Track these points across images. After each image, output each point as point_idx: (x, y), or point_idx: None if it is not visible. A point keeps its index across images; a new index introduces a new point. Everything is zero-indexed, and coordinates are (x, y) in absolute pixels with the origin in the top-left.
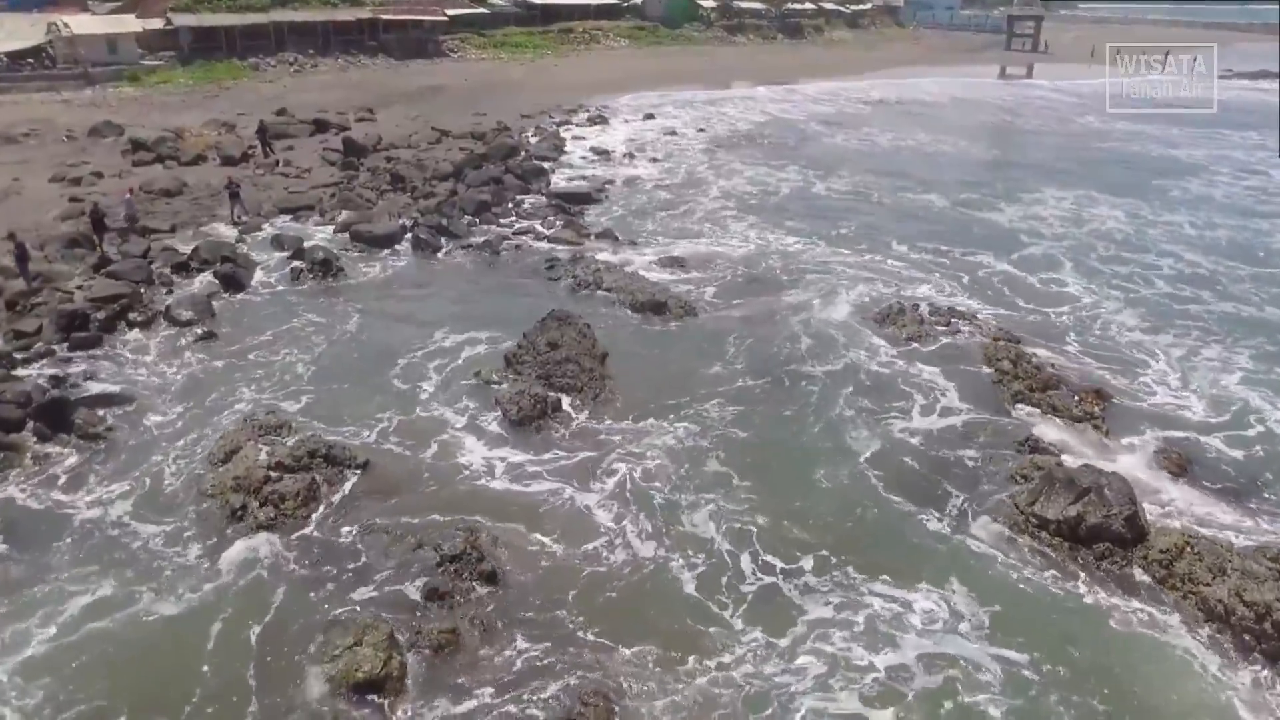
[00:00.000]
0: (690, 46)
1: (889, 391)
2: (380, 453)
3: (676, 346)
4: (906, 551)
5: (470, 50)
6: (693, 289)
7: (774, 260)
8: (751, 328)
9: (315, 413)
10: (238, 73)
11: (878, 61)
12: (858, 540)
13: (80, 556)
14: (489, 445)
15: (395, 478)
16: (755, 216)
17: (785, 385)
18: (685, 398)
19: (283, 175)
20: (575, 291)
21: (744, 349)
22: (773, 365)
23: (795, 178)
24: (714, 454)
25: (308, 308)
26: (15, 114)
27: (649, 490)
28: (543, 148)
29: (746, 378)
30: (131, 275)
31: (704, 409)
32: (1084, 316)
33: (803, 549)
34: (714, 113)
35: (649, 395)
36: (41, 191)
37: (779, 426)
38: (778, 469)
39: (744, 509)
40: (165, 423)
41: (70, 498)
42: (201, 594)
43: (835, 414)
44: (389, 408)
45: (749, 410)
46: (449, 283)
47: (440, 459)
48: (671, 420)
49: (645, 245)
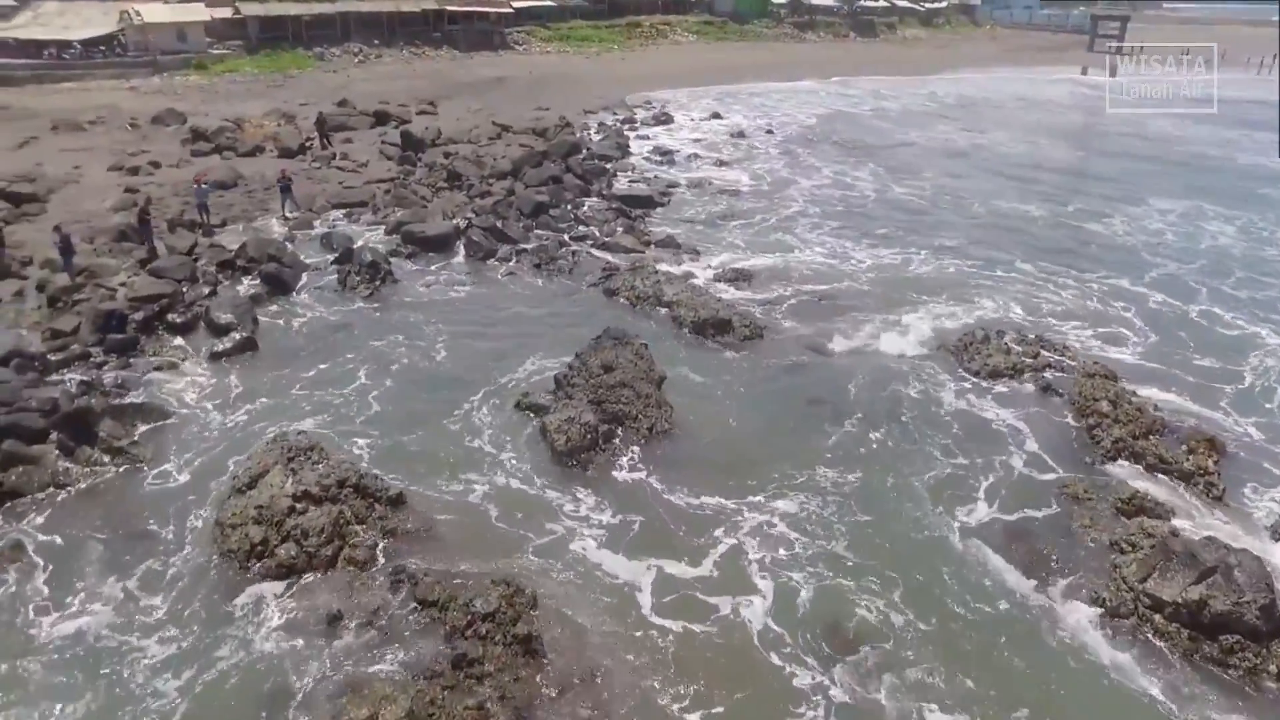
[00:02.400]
0: (759, 43)
1: (970, 437)
2: (414, 483)
3: (739, 373)
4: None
5: (535, 43)
6: (759, 307)
7: (849, 275)
8: (819, 355)
9: (348, 434)
10: (303, 62)
11: (952, 60)
12: (945, 639)
13: (80, 592)
14: (533, 482)
15: (427, 516)
16: (829, 225)
17: (850, 425)
18: (744, 432)
19: (339, 169)
20: (633, 306)
21: (809, 379)
22: (839, 400)
23: (873, 181)
24: (771, 505)
25: (351, 316)
26: (85, 100)
27: (705, 544)
28: (605, 146)
29: (809, 414)
30: (174, 273)
31: (762, 449)
32: (1212, 351)
33: (870, 640)
34: (783, 111)
35: (706, 426)
36: (100, 180)
37: (840, 472)
38: (839, 524)
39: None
40: (193, 439)
41: (80, 524)
42: (207, 643)
43: (904, 463)
44: (426, 431)
45: (809, 452)
46: (500, 293)
47: (478, 496)
48: (728, 458)
49: (710, 255)
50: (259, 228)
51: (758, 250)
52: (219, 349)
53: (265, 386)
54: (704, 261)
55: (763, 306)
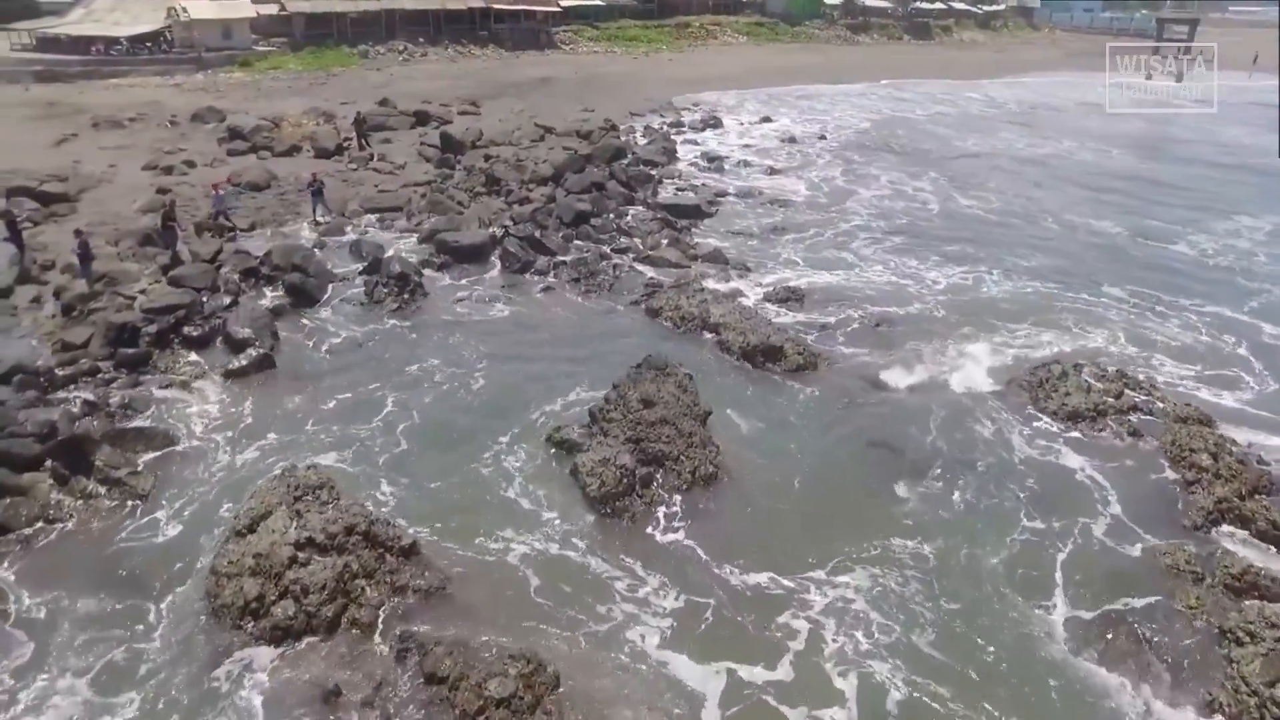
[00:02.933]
0: (811, 44)
1: (1051, 494)
2: (429, 530)
3: (792, 408)
4: None
5: (582, 42)
6: (814, 332)
7: (912, 297)
8: (879, 389)
9: (361, 470)
10: (347, 60)
11: (1011, 64)
12: None
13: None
14: (561, 536)
15: (442, 571)
16: (890, 240)
17: (919, 478)
18: (801, 481)
19: (375, 171)
20: (677, 328)
21: (869, 417)
22: (903, 444)
23: (934, 192)
24: (841, 580)
25: (376, 334)
26: (127, 97)
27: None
28: (651, 150)
29: (872, 461)
30: (194, 281)
31: (822, 504)
32: None
33: None
34: (836, 115)
35: (757, 472)
36: (133, 179)
37: (913, 540)
38: (919, 607)
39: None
40: (197, 470)
41: (65, 570)
42: None
43: (982, 528)
44: (446, 470)
45: (876, 511)
46: (535, 311)
47: (498, 550)
48: (784, 514)
49: (760, 272)
50: (288, 233)
51: (812, 267)
52: (234, 366)
53: (280, 413)
54: (754, 279)
55: (817, 331)
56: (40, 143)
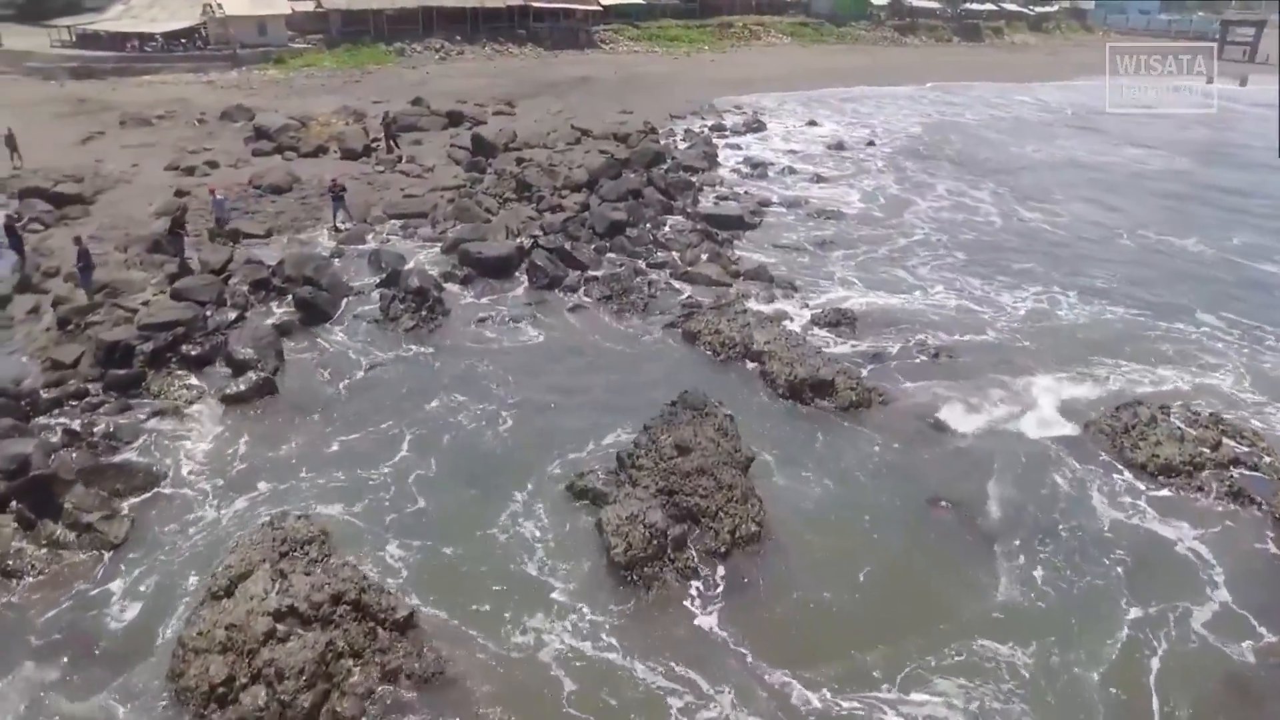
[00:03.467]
0: (858, 45)
1: (1146, 571)
2: (429, 600)
3: (845, 453)
4: None
5: (623, 42)
6: (868, 363)
7: (979, 323)
8: (942, 432)
9: (356, 519)
10: (383, 58)
11: (1064, 67)
12: None
13: None
14: (579, 612)
15: (440, 651)
16: (952, 257)
17: (995, 548)
18: (859, 550)
19: (403, 173)
20: (716, 355)
21: (933, 468)
22: (973, 503)
23: (995, 203)
24: (920, 698)
25: (389, 359)
26: (158, 94)
27: None
28: (691, 155)
29: (939, 526)
30: (199, 294)
31: (886, 583)
32: None
33: None
34: (885, 119)
35: (806, 534)
36: (154, 179)
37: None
38: None
39: None
40: (180, 515)
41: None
42: None
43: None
44: (450, 523)
45: (949, 596)
46: (562, 333)
47: (507, 623)
48: (843, 596)
49: (808, 291)
50: (306, 240)
51: (865, 287)
52: (232, 391)
53: (278, 450)
54: (801, 299)
55: (872, 362)
56: (66, 140)
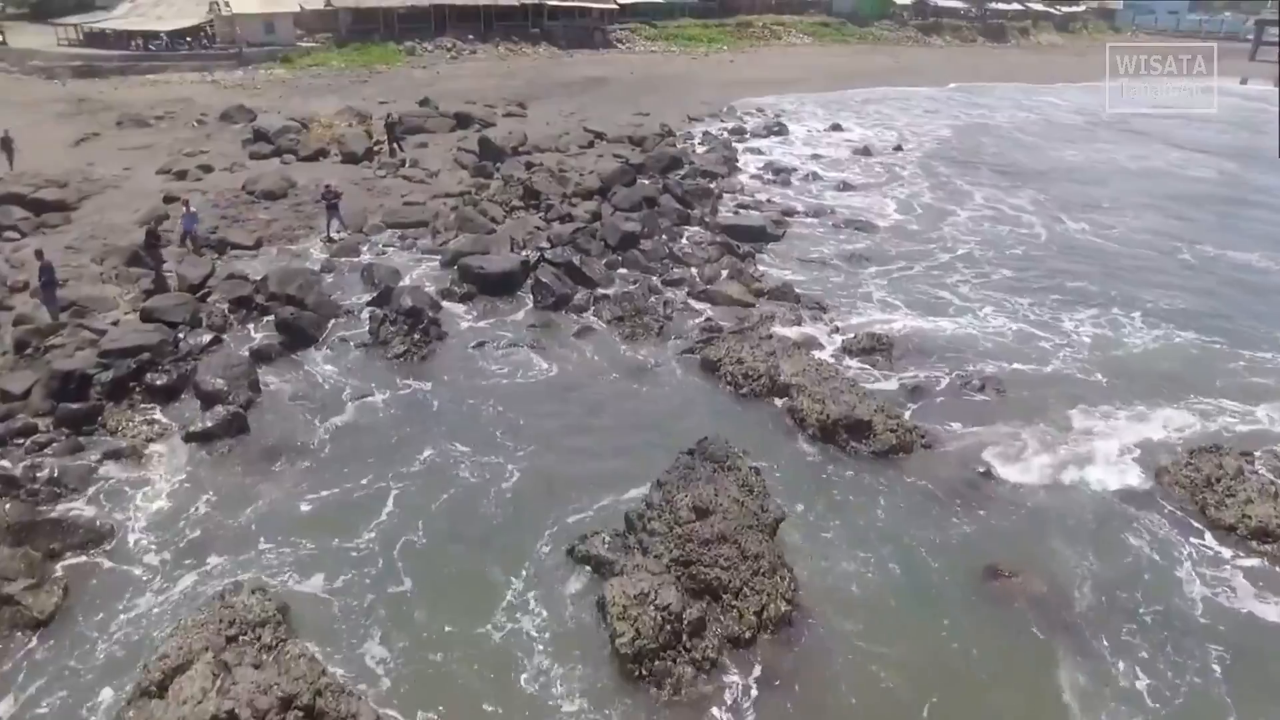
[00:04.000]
0: (880, 46)
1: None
2: (398, 705)
3: (883, 509)
4: None
5: (640, 41)
6: (908, 399)
7: (1030, 350)
8: (996, 483)
9: (326, 598)
10: (392, 57)
11: (1093, 69)
12: None
13: None
14: None
15: None
16: (998, 274)
17: (1057, 638)
18: (899, 637)
19: (405, 179)
20: (738, 389)
21: (988, 528)
22: (1039, 572)
23: (1038, 213)
24: None
25: (375, 392)
26: (161, 94)
27: None
28: (710, 160)
29: (995, 602)
30: (171, 314)
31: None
32: None
33: None
34: (911, 122)
35: (848, 615)
36: (145, 184)
37: None
38: None
39: None
40: (126, 581)
41: None
42: None
43: None
44: (437, 610)
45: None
46: (568, 362)
47: None
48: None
49: (838, 312)
50: (297, 251)
51: (903, 309)
52: (197, 429)
53: (243, 505)
54: (830, 322)
55: (912, 398)
56: (60, 142)
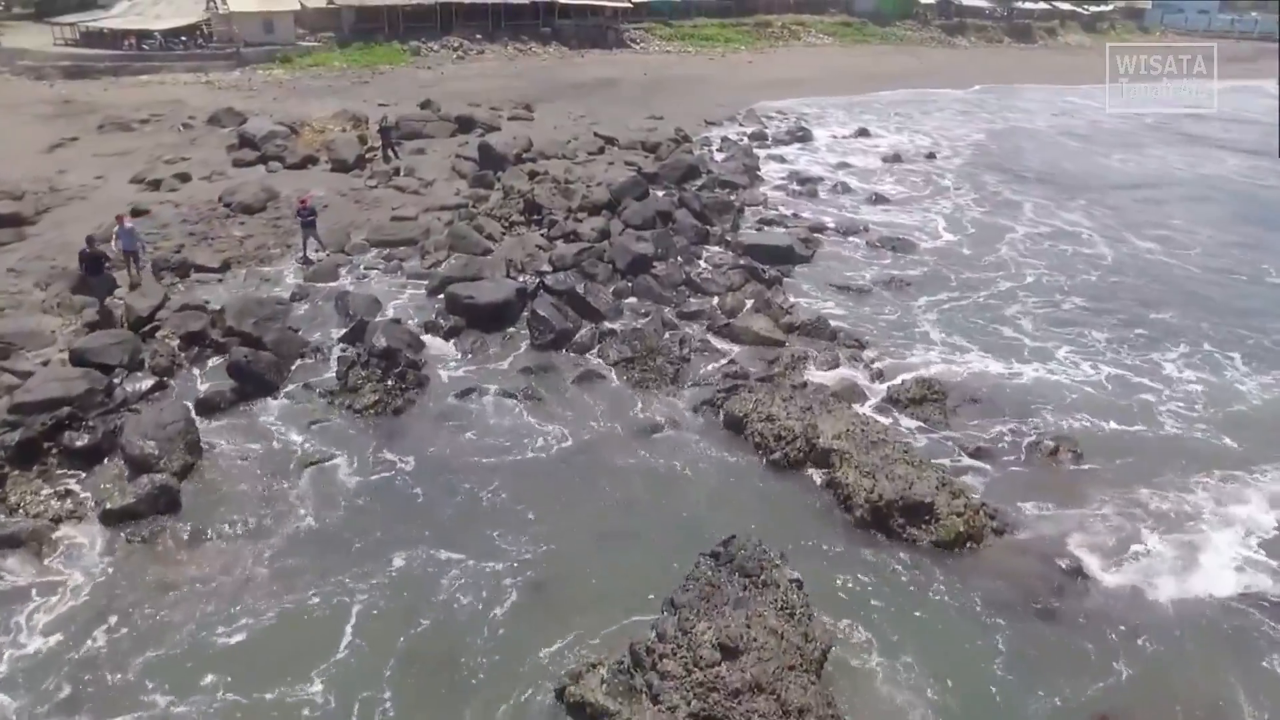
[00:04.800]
0: (903, 46)
1: None
2: None
3: (958, 630)
4: None
5: (654, 41)
6: (969, 460)
7: (1112, 400)
8: (1092, 591)
9: None
10: (396, 57)
11: None
12: None
13: None
14: None
15: None
16: (1065, 302)
17: None
18: None
19: (397, 189)
20: (766, 454)
21: (1081, 653)
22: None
23: (1098, 229)
24: None
25: (337, 458)
26: (152, 95)
27: None
28: (730, 169)
29: None
30: (105, 355)
31: None
32: None
33: None
34: (941, 125)
35: None
36: (117, 194)
37: None
38: None
39: None
40: None
41: None
42: None
43: None
44: None
45: None
46: (565, 421)
47: None
48: None
49: (880, 351)
50: (269, 274)
51: (958, 347)
52: (115, 505)
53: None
54: (872, 363)
55: (974, 460)
56: (33, 147)
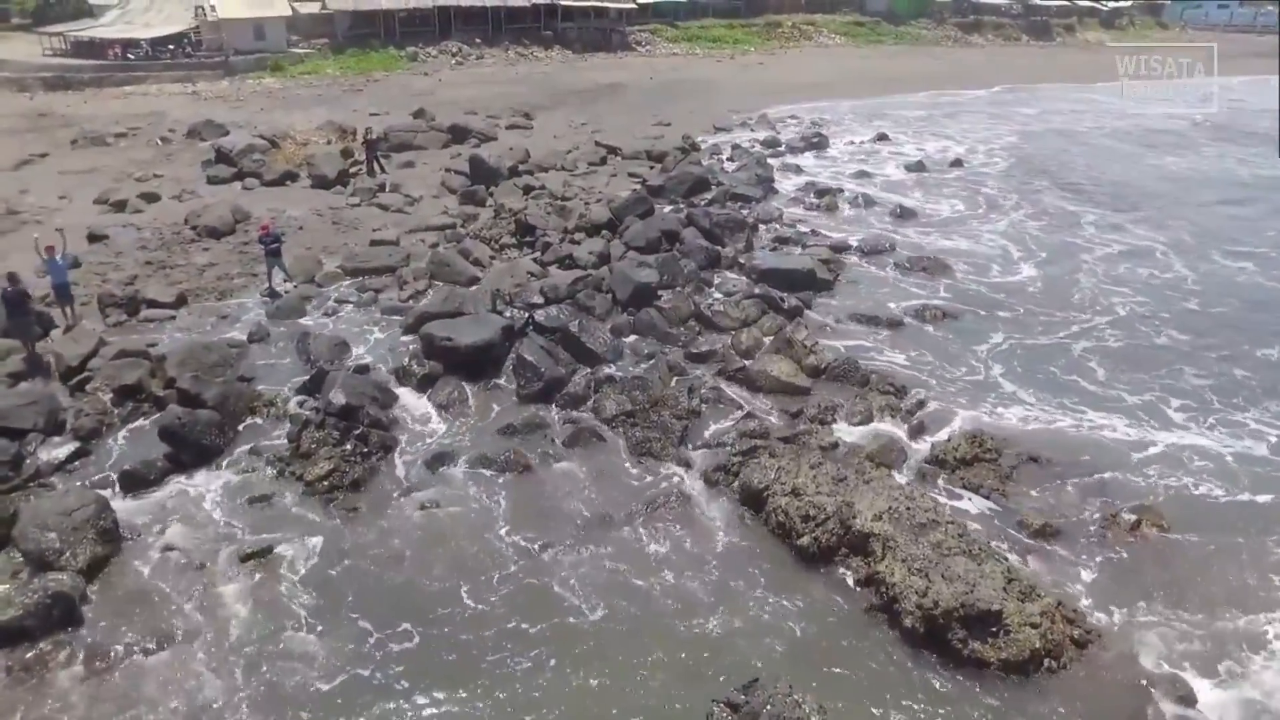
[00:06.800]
0: (918, 46)
1: None
2: None
3: None
4: None
5: (661, 43)
6: (1039, 548)
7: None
8: None
9: None
10: (393, 63)
11: None
12: None
13: None
14: None
15: None
16: (1144, 339)
17: None
18: None
19: (380, 207)
20: (792, 540)
21: None
22: None
23: (1173, 247)
24: None
25: (280, 553)
26: (134, 107)
27: None
28: (742, 180)
29: None
30: (15, 418)
31: None
32: None
33: None
34: (969, 129)
35: None
36: (79, 217)
37: None
38: None
39: None
40: None
41: None
42: None
43: None
44: None
45: None
46: (551, 502)
47: None
48: None
49: (917, 398)
50: (225, 311)
51: (1011, 394)
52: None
53: None
54: (910, 411)
55: (1045, 549)
56: None
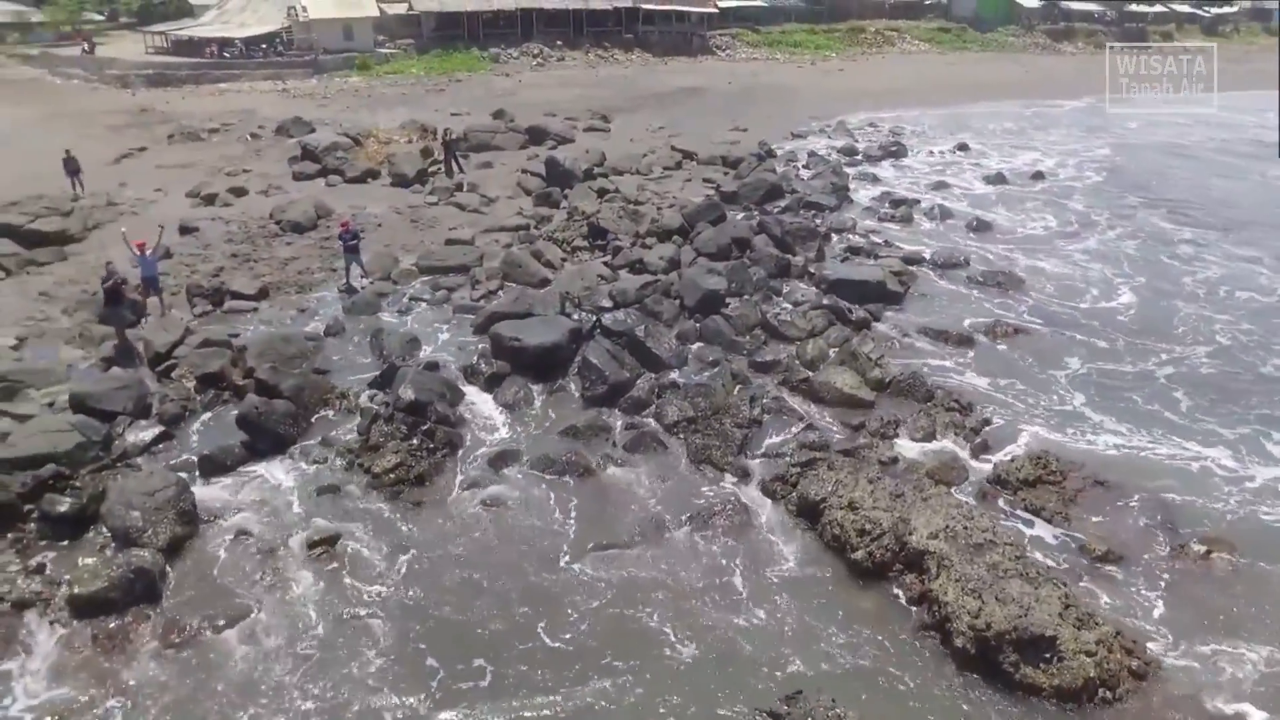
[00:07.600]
0: (1005, 53)
1: None
2: None
3: None
4: None
5: (741, 47)
6: (1101, 573)
7: None
8: None
9: None
10: (475, 64)
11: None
12: None
13: None
14: None
15: None
16: (1235, 367)
17: None
18: None
19: (457, 207)
20: (847, 551)
21: None
22: None
23: (1275, 274)
24: None
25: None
26: (227, 104)
27: None
28: (817, 188)
29: None
30: (108, 400)
31: None
32: None
33: None
34: (1056, 142)
35: None
36: (173, 210)
37: None
38: None
39: None
40: None
41: None
42: None
43: None
44: None
45: None
46: (610, 506)
47: None
48: None
49: (982, 415)
50: (304, 305)
51: (1081, 415)
52: (83, 591)
53: None
54: (975, 430)
55: (1107, 573)
56: (101, 159)
